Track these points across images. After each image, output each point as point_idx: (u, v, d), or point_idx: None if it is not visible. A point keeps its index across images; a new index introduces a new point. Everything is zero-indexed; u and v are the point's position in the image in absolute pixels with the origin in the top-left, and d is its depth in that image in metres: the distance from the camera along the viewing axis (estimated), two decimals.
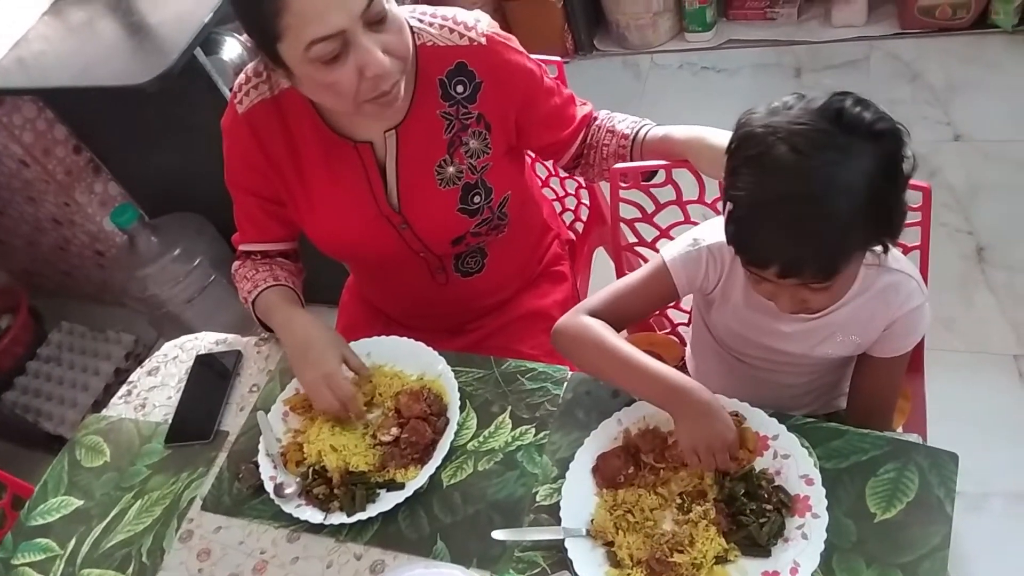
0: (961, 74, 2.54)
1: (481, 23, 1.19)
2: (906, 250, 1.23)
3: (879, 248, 0.94)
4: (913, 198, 1.15)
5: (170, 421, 1.31)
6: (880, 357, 1.08)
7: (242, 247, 1.35)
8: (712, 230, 1.10)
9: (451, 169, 1.22)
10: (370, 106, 1.07)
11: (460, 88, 1.18)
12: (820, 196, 0.85)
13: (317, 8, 0.97)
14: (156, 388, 1.38)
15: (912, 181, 1.11)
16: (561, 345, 1.12)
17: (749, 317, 1.11)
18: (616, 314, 1.12)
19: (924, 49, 2.65)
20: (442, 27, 1.17)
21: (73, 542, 1.20)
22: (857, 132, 0.85)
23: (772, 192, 0.87)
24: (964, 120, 2.42)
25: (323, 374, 1.16)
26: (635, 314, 1.19)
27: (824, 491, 0.95)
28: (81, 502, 1.25)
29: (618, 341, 1.06)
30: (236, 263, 1.36)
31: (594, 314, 1.11)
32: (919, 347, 1.32)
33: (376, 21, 1.01)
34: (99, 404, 2.37)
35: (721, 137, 1.19)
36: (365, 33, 1.00)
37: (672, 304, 1.52)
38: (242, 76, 1.21)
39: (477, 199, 1.24)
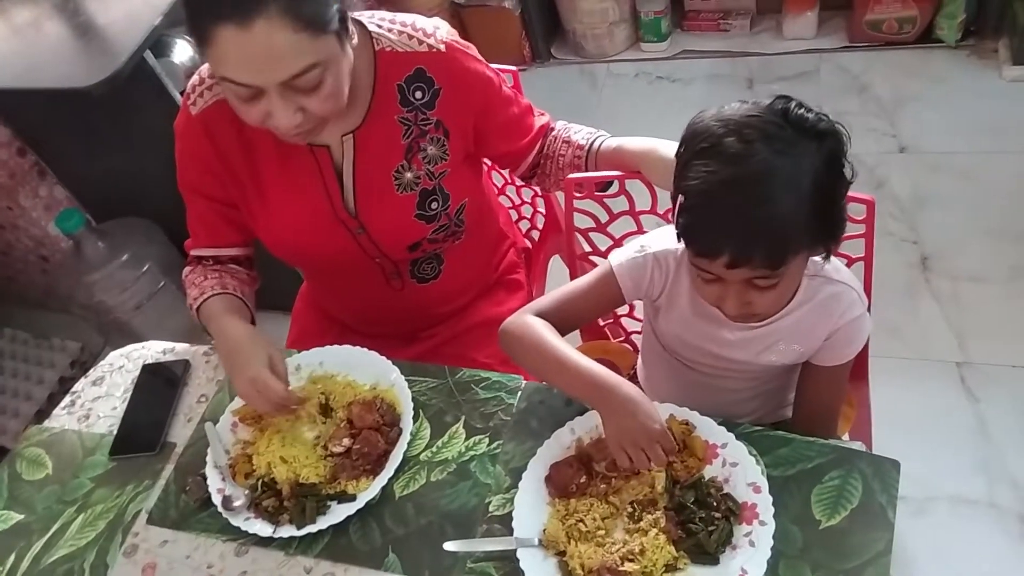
0: (907, 87, 2.61)
1: (440, 30, 1.19)
2: (850, 261, 1.26)
3: (820, 258, 0.97)
4: (857, 210, 1.18)
5: (115, 432, 1.28)
6: (823, 365, 1.10)
7: (194, 252, 1.33)
8: (659, 238, 1.12)
9: (409, 175, 1.21)
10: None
11: (419, 94, 1.18)
12: (768, 183, 0.88)
13: (236, 60, 0.98)
14: (101, 398, 1.35)
15: (856, 194, 1.15)
16: (505, 343, 1.13)
17: (695, 324, 1.13)
18: (563, 316, 1.14)
19: (872, 62, 2.72)
20: (401, 33, 1.17)
21: (13, 557, 1.16)
22: (802, 130, 0.89)
23: (722, 178, 0.89)
24: (910, 132, 2.49)
25: (249, 377, 1.12)
26: (582, 317, 1.20)
27: (771, 499, 0.97)
28: (22, 516, 1.21)
29: (555, 340, 1.08)
30: (187, 268, 1.34)
31: (541, 315, 1.13)
32: (864, 355, 1.34)
33: (303, 88, 1.02)
34: (42, 414, 2.29)
35: (672, 149, 1.20)
36: (282, 93, 1.01)
37: (626, 312, 1.54)
38: (196, 77, 1.19)
39: (434, 205, 1.24)
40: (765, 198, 0.88)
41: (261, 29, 0.95)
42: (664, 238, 1.11)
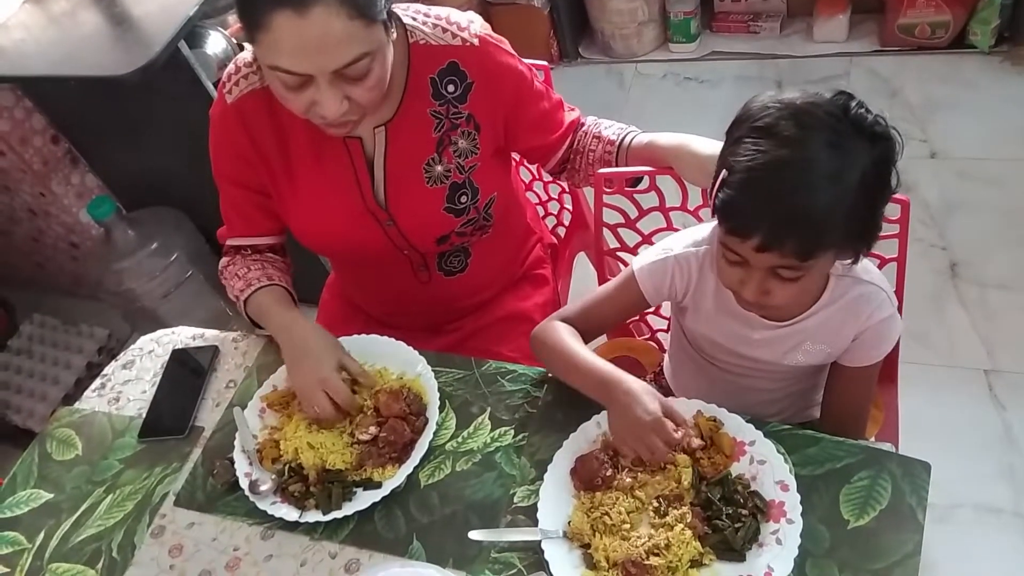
0: (938, 92, 2.58)
1: (474, 24, 1.20)
2: (883, 262, 1.25)
3: (848, 261, 0.97)
4: (891, 211, 1.17)
5: (144, 415, 1.29)
6: (851, 366, 1.10)
7: (230, 242, 1.34)
8: (682, 240, 1.13)
9: (439, 168, 1.22)
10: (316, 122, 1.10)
11: (451, 87, 1.19)
12: (814, 172, 0.87)
13: (293, 47, 0.98)
14: (131, 382, 1.36)
15: None
16: (535, 349, 1.16)
17: (721, 323, 1.12)
18: (589, 321, 1.17)
19: (903, 66, 2.69)
20: (435, 26, 1.17)
21: (42, 536, 1.18)
22: (859, 128, 0.89)
23: (771, 159, 0.89)
24: (940, 137, 2.47)
25: (319, 379, 1.14)
26: (608, 321, 1.22)
27: (799, 497, 0.96)
28: (51, 495, 1.23)
29: (572, 343, 1.11)
30: (225, 259, 1.35)
31: (568, 320, 1.16)
32: (893, 358, 1.33)
33: (352, 77, 1.03)
34: (70, 398, 2.33)
35: (705, 145, 1.21)
36: (332, 82, 1.02)
37: (651, 310, 1.54)
38: (232, 66, 1.20)
39: (464, 199, 1.24)
40: (808, 187, 0.87)
41: (318, 15, 0.96)
42: (687, 240, 1.12)
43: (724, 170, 0.94)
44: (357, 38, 1.00)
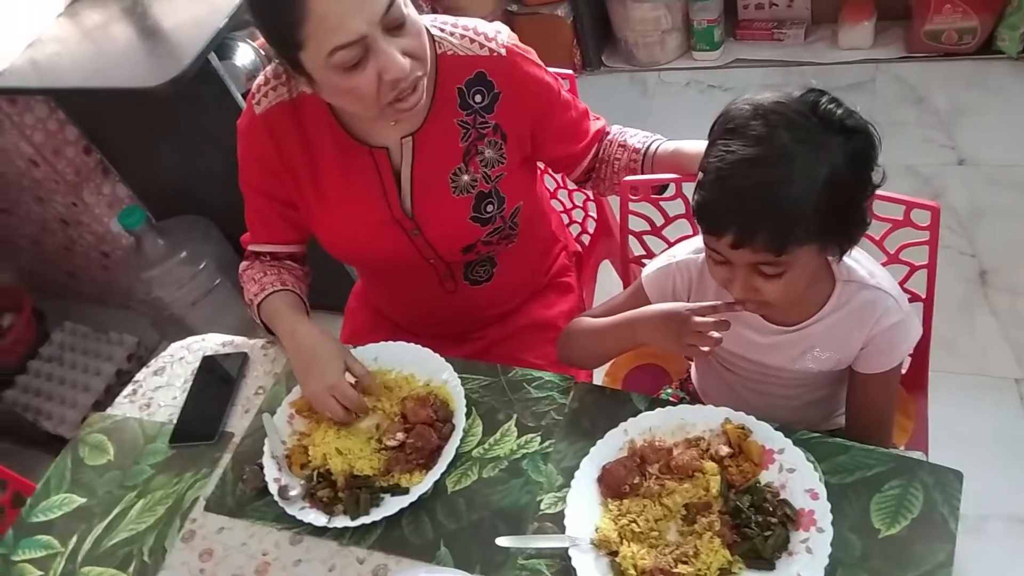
0: (966, 98, 2.56)
1: (502, 34, 1.21)
2: (913, 269, 1.24)
3: (833, 257, 0.99)
4: (921, 217, 1.17)
5: (175, 421, 1.31)
6: (867, 373, 1.09)
7: (251, 247, 1.36)
8: (685, 246, 1.16)
9: (466, 177, 1.23)
10: (391, 109, 1.09)
11: (478, 97, 1.19)
12: (781, 167, 0.89)
13: (339, 15, 0.98)
14: (161, 388, 1.38)
15: (920, 200, 1.14)
16: (561, 350, 1.21)
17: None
18: None
19: (930, 73, 2.67)
20: (463, 37, 1.18)
21: (74, 540, 1.20)
22: (829, 124, 0.90)
23: (739, 157, 0.91)
24: (968, 144, 2.44)
25: (328, 385, 1.17)
26: None
27: (829, 506, 0.95)
28: (83, 500, 1.25)
29: (594, 321, 1.18)
30: (244, 263, 1.37)
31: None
32: (923, 366, 1.32)
33: (395, 26, 1.03)
34: (100, 405, 2.36)
35: None
36: (385, 38, 1.02)
37: None
38: (261, 77, 1.22)
39: (490, 208, 1.25)
40: (776, 181, 0.89)
41: None
42: (690, 246, 1.14)
43: (700, 172, 0.97)
44: None
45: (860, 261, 1.06)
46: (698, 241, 1.13)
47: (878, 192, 0.96)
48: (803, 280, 1.00)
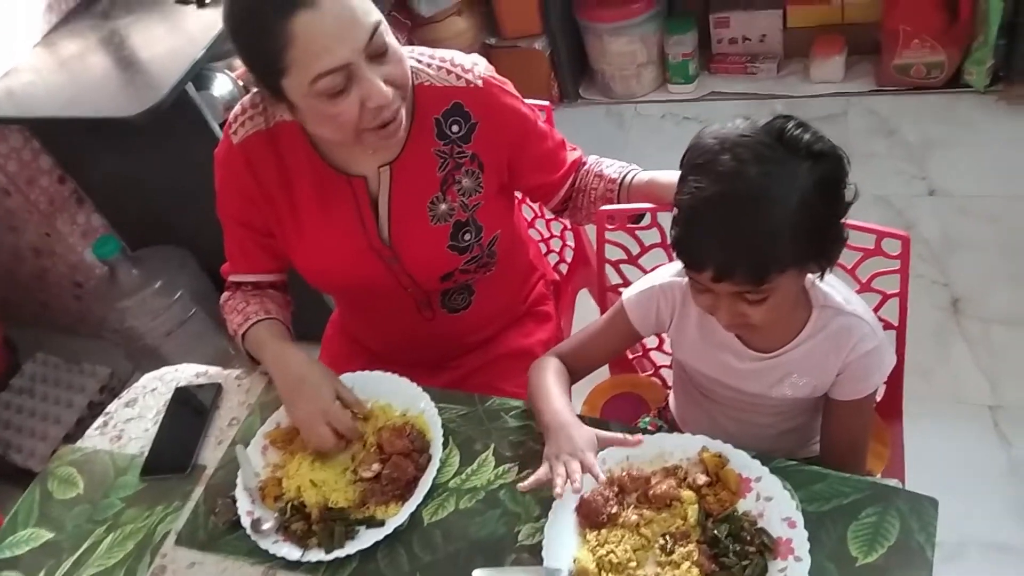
0: (936, 131, 2.61)
1: (479, 66, 1.22)
2: (885, 298, 1.26)
3: (814, 276, 0.99)
4: (892, 247, 1.18)
5: (146, 453, 1.29)
6: (842, 400, 1.10)
7: (232, 277, 1.35)
8: (667, 271, 1.16)
9: (443, 206, 1.23)
10: (371, 136, 1.09)
11: (455, 128, 1.20)
12: (753, 201, 0.90)
13: (323, 42, 0.99)
14: (133, 420, 1.36)
15: (891, 230, 1.16)
16: (528, 384, 1.18)
17: (707, 353, 1.14)
18: (583, 355, 1.22)
19: (900, 106, 2.73)
20: (440, 68, 1.20)
21: (42, 575, 1.17)
22: (796, 150, 0.91)
23: (710, 195, 0.92)
24: (939, 175, 2.49)
25: (320, 409, 1.15)
26: (603, 353, 1.25)
27: (806, 534, 0.95)
28: (52, 534, 1.22)
29: (546, 382, 1.14)
30: (226, 294, 1.36)
31: (563, 355, 1.20)
32: (897, 394, 1.33)
33: (378, 54, 1.04)
34: (71, 437, 2.31)
35: None
36: (368, 66, 1.03)
37: (655, 346, 1.54)
38: (238, 108, 1.22)
39: (467, 237, 1.25)
40: (749, 216, 0.90)
41: (327, 1, 0.99)
42: (672, 270, 1.15)
43: (675, 208, 0.98)
44: (367, 7, 1.02)
45: (835, 287, 1.07)
46: (679, 264, 1.13)
47: (849, 221, 0.98)
48: (788, 301, 1.01)
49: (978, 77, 2.61)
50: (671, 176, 1.28)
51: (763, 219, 0.90)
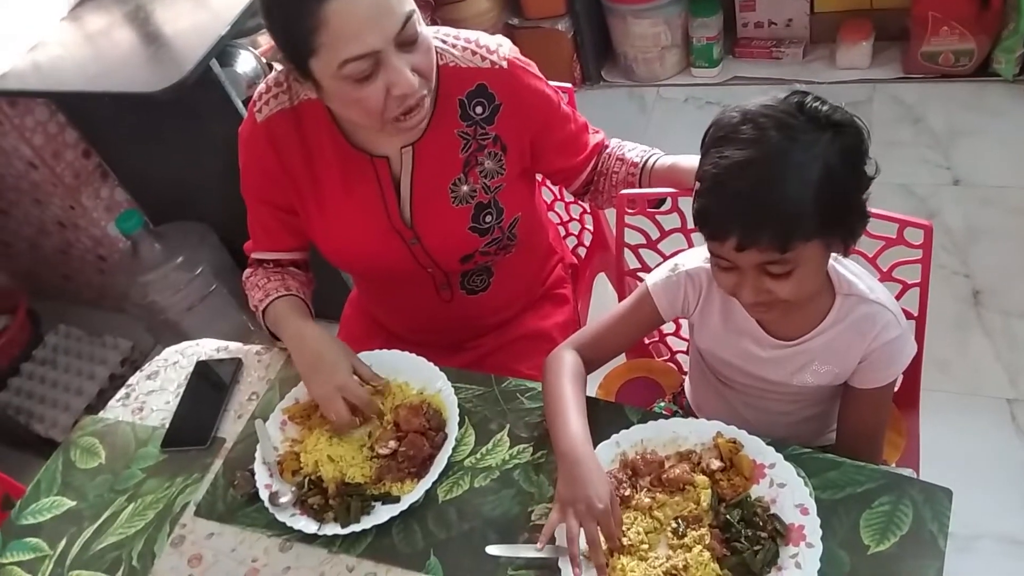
0: (962, 120, 2.58)
1: (503, 47, 1.22)
2: (905, 287, 1.25)
3: (838, 253, 0.99)
4: (914, 236, 1.18)
5: (167, 426, 1.31)
6: (862, 388, 1.10)
7: (254, 255, 1.36)
8: (691, 256, 1.15)
9: (465, 188, 1.23)
10: (394, 123, 1.10)
11: (479, 109, 1.20)
12: (776, 164, 0.90)
13: (354, 28, 1.00)
14: (155, 392, 1.38)
15: (913, 219, 1.15)
16: (543, 377, 1.16)
17: (727, 340, 1.14)
18: (604, 344, 1.20)
19: (926, 94, 2.69)
20: (465, 49, 1.19)
21: (63, 543, 1.19)
22: (816, 121, 0.92)
23: (733, 162, 0.92)
24: (964, 165, 2.46)
25: (336, 385, 1.17)
26: (624, 339, 1.23)
27: (819, 521, 0.96)
28: (73, 503, 1.25)
29: (564, 395, 1.09)
30: (248, 271, 1.37)
31: (582, 346, 1.18)
32: (915, 384, 1.33)
33: (408, 43, 1.05)
34: (92, 408, 2.36)
35: None
36: (396, 54, 1.04)
37: (672, 331, 1.54)
38: (262, 86, 1.23)
39: (488, 218, 1.26)
40: (772, 180, 0.90)
41: None
42: (696, 256, 1.14)
43: (697, 182, 0.98)
44: None
45: (859, 275, 1.06)
46: (704, 250, 1.13)
47: (872, 209, 0.97)
48: (813, 278, 1.00)
49: (1007, 66, 2.57)
50: (693, 161, 1.26)
51: (787, 183, 0.90)
